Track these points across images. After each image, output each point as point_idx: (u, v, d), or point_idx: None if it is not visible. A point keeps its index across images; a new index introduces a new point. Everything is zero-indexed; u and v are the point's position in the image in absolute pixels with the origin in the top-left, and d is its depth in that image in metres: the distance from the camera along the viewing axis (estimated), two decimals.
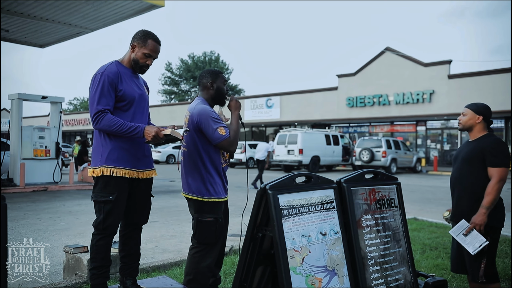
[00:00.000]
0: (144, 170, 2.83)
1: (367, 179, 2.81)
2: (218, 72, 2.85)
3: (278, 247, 2.20)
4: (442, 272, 3.87)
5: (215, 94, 2.81)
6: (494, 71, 20.00)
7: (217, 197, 2.70)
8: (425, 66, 22.20)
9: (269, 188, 2.29)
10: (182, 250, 4.63)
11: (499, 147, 2.75)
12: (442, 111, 21.07)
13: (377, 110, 23.88)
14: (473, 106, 2.91)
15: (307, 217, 2.38)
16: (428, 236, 5.39)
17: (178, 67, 51.75)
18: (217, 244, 2.75)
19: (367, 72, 24.54)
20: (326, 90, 26.55)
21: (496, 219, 2.77)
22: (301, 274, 2.23)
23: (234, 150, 2.70)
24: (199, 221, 2.67)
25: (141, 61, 2.77)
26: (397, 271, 2.67)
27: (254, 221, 2.40)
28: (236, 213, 3.10)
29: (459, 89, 20.53)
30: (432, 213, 7.46)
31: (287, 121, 28.57)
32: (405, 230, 2.84)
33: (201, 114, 2.64)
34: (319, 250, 2.36)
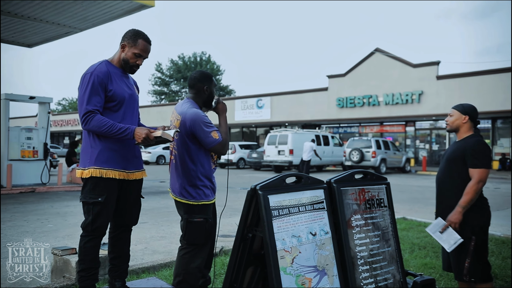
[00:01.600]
0: (134, 171, 2.81)
1: (356, 179, 2.83)
2: (211, 76, 2.86)
3: (268, 247, 2.21)
4: (430, 271, 3.90)
5: (207, 98, 2.82)
6: (481, 72, 20.28)
7: (207, 200, 2.70)
8: (414, 67, 22.42)
9: (260, 189, 2.29)
10: (172, 251, 4.60)
11: (480, 148, 2.78)
12: (431, 112, 21.30)
13: (367, 111, 24.05)
14: (460, 107, 2.95)
15: (297, 217, 2.39)
16: (416, 236, 5.43)
17: (168, 68, 51.56)
18: (207, 245, 2.75)
19: (357, 73, 24.70)
20: (317, 91, 26.67)
21: (482, 219, 2.80)
22: (291, 274, 2.23)
23: (225, 152, 2.70)
24: (189, 222, 2.66)
25: (131, 61, 2.75)
26: (386, 270, 2.69)
27: (245, 221, 2.40)
28: (226, 213, 3.10)
29: (447, 90, 20.77)
30: (421, 213, 7.53)
31: (278, 122, 28.62)
32: (394, 230, 2.86)
33: (194, 119, 2.62)
34: (309, 250, 2.36)
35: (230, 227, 5.34)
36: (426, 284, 2.83)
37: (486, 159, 2.77)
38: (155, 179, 13.85)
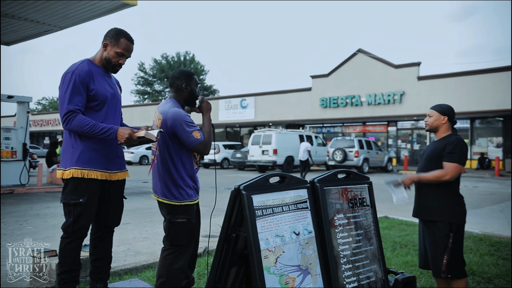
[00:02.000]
0: (116, 172, 2.78)
1: (339, 178, 2.85)
2: (191, 74, 2.81)
3: (252, 247, 2.21)
4: (411, 269, 3.97)
5: (188, 97, 2.77)
6: (460, 74, 20.72)
7: (189, 200, 2.68)
8: (396, 68, 22.76)
9: (243, 189, 2.30)
10: (155, 252, 4.56)
11: (458, 145, 2.85)
12: (412, 112, 21.65)
13: (349, 111, 24.30)
14: (438, 107, 3.01)
15: (281, 217, 2.40)
16: (398, 234, 5.52)
17: (151, 67, 51.09)
18: (190, 246, 2.73)
19: (340, 73, 24.93)
20: (300, 91, 26.81)
21: (458, 216, 2.86)
22: (274, 274, 2.24)
23: (208, 152, 2.68)
24: (172, 223, 2.64)
25: (113, 60, 2.72)
26: (368, 268, 2.73)
27: (228, 221, 2.40)
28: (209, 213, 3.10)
29: (428, 91, 21.15)
30: (403, 212, 7.64)
31: (262, 122, 28.66)
32: (376, 229, 2.90)
33: (175, 118, 2.59)
34: (292, 249, 2.38)
35: (214, 227, 5.32)
36: (407, 281, 2.88)
37: (462, 156, 2.83)
38: (138, 180, 13.71)
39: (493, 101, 19.19)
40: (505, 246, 4.96)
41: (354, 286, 2.59)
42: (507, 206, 8.82)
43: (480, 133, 22.31)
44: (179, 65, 49.51)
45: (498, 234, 5.61)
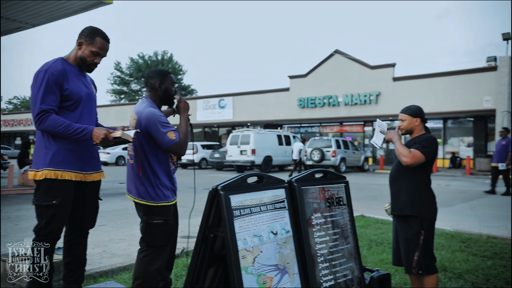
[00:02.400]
0: (91, 173, 2.73)
1: (317, 178, 2.88)
2: (166, 73, 2.77)
3: (229, 247, 2.21)
4: (386, 266, 4.05)
5: (163, 95, 2.73)
6: (433, 75, 21.25)
7: (166, 201, 2.65)
8: (372, 69, 23.16)
9: (221, 189, 2.29)
10: (131, 253, 4.50)
11: (430, 140, 2.95)
12: (388, 112, 22.07)
13: (327, 111, 24.57)
14: (409, 110, 3.08)
15: (259, 216, 2.41)
16: (374, 232, 5.62)
17: (128, 66, 50.31)
18: (167, 247, 2.70)
19: (317, 73, 25.18)
20: (278, 91, 26.94)
21: (429, 213, 2.95)
22: (252, 273, 2.25)
23: (184, 153, 2.65)
24: (148, 224, 2.60)
25: (88, 59, 2.67)
26: (345, 267, 2.77)
27: (206, 222, 2.39)
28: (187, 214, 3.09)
29: (403, 91, 21.61)
30: (379, 210, 7.78)
31: (240, 122, 28.66)
32: (352, 227, 2.94)
33: (149, 118, 2.56)
34: (270, 249, 2.39)
35: (192, 228, 5.29)
36: (382, 278, 2.93)
37: (428, 149, 2.91)
38: (114, 181, 13.48)
39: (464, 102, 19.78)
40: (475, 242, 5.13)
41: (331, 284, 2.63)
42: (477, 204, 9.11)
43: (452, 133, 22.96)
44: (156, 64, 48.96)
45: (468, 231, 5.78)
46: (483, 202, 9.46)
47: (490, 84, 19.15)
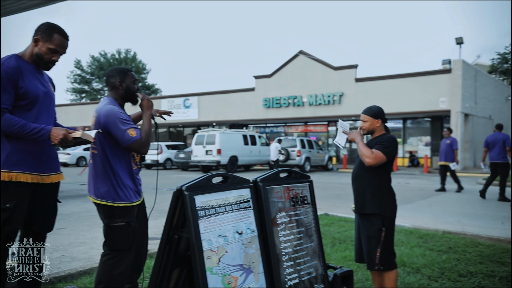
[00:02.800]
0: (49, 174, 2.63)
1: (282, 177, 2.91)
2: (126, 70, 2.74)
3: (194, 248, 2.19)
4: (349, 263, 4.15)
5: (124, 94, 2.70)
6: (394, 76, 21.97)
7: (128, 202, 2.60)
8: (335, 70, 23.64)
9: (186, 189, 2.27)
10: (93, 257, 4.37)
11: (390, 141, 3.05)
12: (350, 112, 22.61)
13: (292, 111, 24.86)
14: (370, 112, 3.17)
15: (224, 217, 2.40)
16: (337, 230, 5.74)
17: (89, 65, 48.75)
18: (131, 250, 2.65)
19: (282, 74, 25.42)
20: (244, 91, 26.99)
21: (390, 210, 3.05)
22: (217, 274, 2.24)
23: (146, 151, 2.61)
24: (110, 227, 2.55)
25: (46, 57, 2.56)
26: (309, 265, 2.81)
27: (170, 223, 2.36)
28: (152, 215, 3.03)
29: (364, 92, 22.21)
30: (342, 208, 7.96)
31: (205, 122, 28.47)
32: (316, 226, 2.99)
33: (108, 116, 2.52)
34: (235, 249, 2.39)
35: (156, 229, 5.20)
36: (345, 275, 3.01)
37: (389, 149, 3.01)
38: (75, 182, 13.04)
39: (422, 103, 20.59)
40: (432, 237, 5.35)
41: (295, 282, 2.66)
42: (434, 201, 9.51)
43: (411, 133, 23.84)
44: (119, 63, 47.76)
45: (426, 227, 6.03)
46: (439, 199, 9.89)
47: (445, 86, 20.04)
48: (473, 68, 21.72)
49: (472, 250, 4.72)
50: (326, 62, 24.15)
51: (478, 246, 4.94)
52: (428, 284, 3.66)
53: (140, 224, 2.84)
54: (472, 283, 3.71)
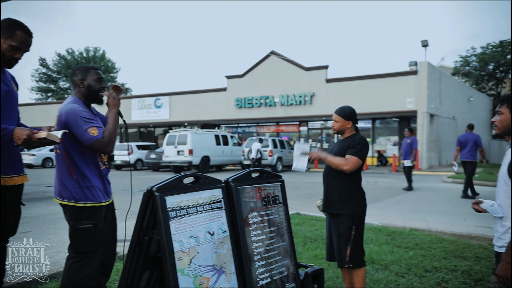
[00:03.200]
0: (12, 176, 2.53)
1: (253, 177, 2.92)
2: (89, 68, 2.67)
3: (165, 249, 2.17)
4: (320, 261, 4.21)
5: (87, 92, 2.64)
6: (363, 77, 22.42)
7: (96, 202, 2.54)
8: (306, 70, 23.90)
9: (156, 190, 2.24)
10: (59, 261, 4.24)
11: (361, 143, 3.11)
12: (321, 113, 22.93)
13: (264, 111, 24.96)
14: (342, 113, 3.21)
15: (195, 217, 2.39)
16: (309, 229, 5.81)
17: (55, 63, 47.22)
18: (98, 253, 2.59)
19: (254, 74, 25.48)
20: (215, 91, 26.87)
21: (359, 209, 3.11)
22: (189, 275, 2.23)
23: (109, 151, 2.56)
24: (75, 229, 2.49)
25: (8, 54, 2.46)
26: (281, 264, 2.83)
27: (140, 224, 2.32)
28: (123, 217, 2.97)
29: (335, 92, 22.57)
30: (313, 208, 8.05)
31: (177, 122, 28.16)
32: (288, 225, 3.02)
33: (69, 114, 2.47)
34: (207, 249, 2.38)
35: (128, 231, 5.09)
36: (316, 273, 3.05)
37: (362, 152, 3.08)
38: (40, 184, 12.60)
39: (390, 103, 21.13)
40: (399, 235, 5.51)
41: (267, 282, 2.68)
42: (401, 199, 9.78)
43: (380, 133, 24.41)
44: (87, 61, 46.53)
45: (394, 225, 6.20)
46: (406, 197, 10.18)
47: (412, 87, 20.64)
48: (437, 70, 22.47)
49: (437, 246, 4.89)
50: (297, 63, 24.38)
51: (442, 242, 5.12)
52: (396, 280, 3.77)
53: (109, 227, 2.78)
54: (437, 278, 3.84)
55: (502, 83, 38.05)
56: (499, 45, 35.51)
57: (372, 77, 22.11)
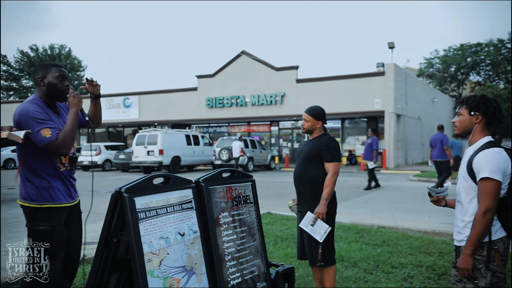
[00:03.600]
0: None
1: (224, 177, 2.91)
2: (50, 65, 2.57)
3: (134, 251, 2.13)
4: (291, 260, 4.26)
5: (47, 91, 2.54)
6: (332, 78, 22.78)
7: (53, 203, 2.47)
8: (277, 71, 24.05)
9: (125, 191, 2.20)
10: None
11: (333, 145, 3.18)
12: (292, 113, 23.13)
13: (235, 111, 24.92)
14: (313, 112, 3.27)
15: (165, 218, 2.36)
16: (280, 229, 5.85)
17: (17, 60, 45.40)
18: (57, 255, 2.50)
19: (225, 74, 25.40)
20: (186, 91, 26.60)
21: (330, 208, 3.17)
22: (158, 277, 2.20)
23: (64, 153, 2.47)
24: (31, 231, 2.43)
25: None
26: (252, 263, 2.84)
27: (108, 226, 2.28)
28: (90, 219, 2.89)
29: (305, 93, 22.82)
30: (284, 207, 8.12)
31: (147, 121, 27.69)
32: (259, 225, 3.03)
33: (21, 115, 2.40)
34: (177, 251, 2.36)
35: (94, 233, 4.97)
36: (287, 272, 3.07)
37: (338, 154, 3.18)
38: (2, 186, 12.09)
39: (358, 104, 21.58)
40: (368, 232, 5.64)
41: (238, 281, 2.68)
42: (370, 197, 10.01)
43: (349, 132, 24.89)
44: (52, 59, 45.00)
45: (362, 223, 6.34)
46: (374, 195, 10.43)
47: (379, 87, 21.16)
48: (403, 71, 23.13)
49: (403, 243, 5.04)
50: (268, 63, 24.48)
51: (408, 239, 5.28)
52: (364, 277, 3.86)
53: (73, 229, 2.69)
54: (403, 273, 3.96)
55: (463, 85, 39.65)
56: (460, 48, 37.00)
57: (341, 77, 22.50)
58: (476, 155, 2.11)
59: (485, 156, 2.08)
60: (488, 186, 2.03)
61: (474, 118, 2.19)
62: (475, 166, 2.10)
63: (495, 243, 2.09)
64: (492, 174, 2.03)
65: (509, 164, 2.08)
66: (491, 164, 2.04)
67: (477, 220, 2.05)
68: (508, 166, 2.07)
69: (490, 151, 2.08)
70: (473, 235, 2.06)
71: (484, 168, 2.05)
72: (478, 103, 2.18)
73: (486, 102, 2.17)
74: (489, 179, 2.03)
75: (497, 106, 2.18)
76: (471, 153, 2.17)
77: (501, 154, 2.08)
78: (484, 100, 2.18)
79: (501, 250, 2.10)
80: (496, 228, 2.10)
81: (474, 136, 2.21)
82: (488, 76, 38.59)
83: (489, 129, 2.21)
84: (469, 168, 2.13)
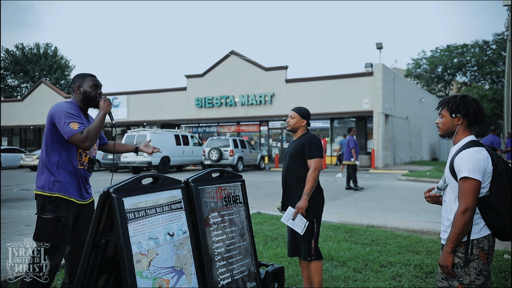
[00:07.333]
0: None
1: (214, 177, 2.91)
2: (85, 75, 2.85)
3: (123, 252, 2.11)
4: (280, 260, 4.26)
5: (82, 97, 2.83)
6: (321, 78, 22.88)
7: (62, 194, 2.60)
8: (266, 71, 24.07)
9: (113, 191, 2.18)
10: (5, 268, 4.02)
11: (313, 141, 3.28)
12: (281, 112, 23.16)
13: (224, 111, 24.88)
14: (300, 111, 3.41)
15: (155, 218, 2.35)
16: (269, 228, 5.86)
17: (3, 59, 44.66)
18: (59, 248, 2.58)
19: (214, 73, 25.33)
20: (175, 90, 26.47)
21: (318, 205, 3.28)
22: (148, 277, 2.18)
23: (86, 147, 2.67)
24: (39, 218, 2.55)
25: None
26: (242, 263, 2.84)
27: (97, 227, 2.25)
28: None
29: (294, 93, 22.89)
30: (274, 207, 8.13)
31: (135, 121, 27.50)
32: (249, 225, 3.03)
33: (56, 108, 2.67)
34: (166, 251, 2.34)
35: None
36: (277, 272, 3.08)
37: (319, 150, 3.27)
38: (6, 186, 11.87)
39: (347, 104, 21.71)
40: (357, 232, 5.68)
41: (228, 282, 2.68)
42: (359, 197, 10.08)
43: (338, 132, 25.01)
44: (38, 58, 44.39)
45: (352, 222, 6.38)
46: (363, 195, 10.50)
47: (368, 88, 21.32)
48: (392, 71, 23.33)
49: (392, 242, 5.09)
50: (257, 63, 24.48)
51: (397, 238, 5.33)
52: (354, 276, 3.88)
53: (82, 230, 2.75)
54: (392, 272, 4.00)
55: (449, 85, 40.19)
56: (446, 49, 37.50)
57: (330, 78, 22.61)
58: (457, 154, 2.14)
59: (465, 155, 2.10)
60: (467, 186, 2.05)
61: (456, 119, 2.22)
62: (456, 165, 2.12)
63: (480, 241, 2.12)
64: (471, 173, 2.05)
65: (489, 163, 2.10)
66: (470, 163, 2.06)
67: (456, 219, 2.07)
68: (488, 165, 2.09)
69: (470, 151, 2.11)
70: (452, 233, 2.09)
71: (463, 167, 2.07)
72: (458, 105, 2.20)
73: (466, 104, 2.19)
74: (468, 178, 2.05)
75: (477, 107, 2.20)
76: (454, 153, 2.20)
77: (480, 153, 2.10)
78: (464, 101, 2.20)
79: (486, 249, 2.13)
80: (480, 227, 2.13)
81: (457, 136, 2.24)
82: (474, 76, 39.18)
83: (472, 128, 2.24)
84: (451, 168, 2.16)
